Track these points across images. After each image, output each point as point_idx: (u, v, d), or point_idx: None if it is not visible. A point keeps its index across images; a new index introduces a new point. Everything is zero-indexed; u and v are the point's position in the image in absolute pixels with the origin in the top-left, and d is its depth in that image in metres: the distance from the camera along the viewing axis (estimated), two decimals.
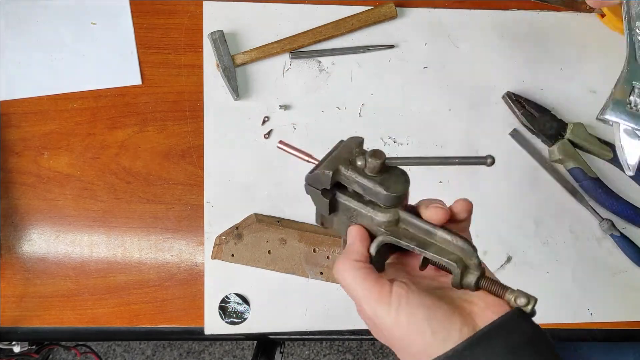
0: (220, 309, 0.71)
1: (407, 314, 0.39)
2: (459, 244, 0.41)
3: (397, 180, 0.44)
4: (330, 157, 0.46)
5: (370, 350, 1.61)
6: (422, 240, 0.43)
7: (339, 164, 0.45)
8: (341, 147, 0.47)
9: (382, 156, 0.43)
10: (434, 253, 0.42)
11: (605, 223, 0.75)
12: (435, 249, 0.42)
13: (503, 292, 0.41)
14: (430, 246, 0.43)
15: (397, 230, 0.44)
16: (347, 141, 0.47)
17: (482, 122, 0.78)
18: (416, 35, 0.78)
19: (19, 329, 0.70)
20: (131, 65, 0.74)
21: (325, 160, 0.46)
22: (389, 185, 0.43)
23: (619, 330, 0.76)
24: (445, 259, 0.41)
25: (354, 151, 0.46)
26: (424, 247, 0.42)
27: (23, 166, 0.72)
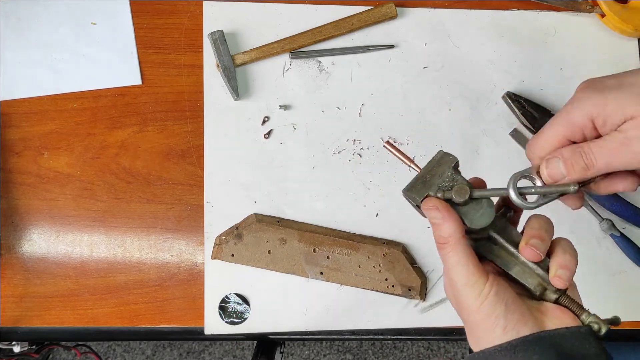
0: (220, 309, 0.71)
1: (490, 306, 0.43)
2: (538, 273, 0.45)
3: (483, 213, 0.46)
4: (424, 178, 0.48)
5: (370, 350, 1.61)
6: (506, 259, 0.47)
7: (428, 191, 0.47)
8: (436, 164, 0.49)
9: (465, 194, 0.46)
10: (515, 274, 0.46)
11: (605, 223, 0.75)
12: (518, 270, 0.46)
13: (580, 312, 0.45)
14: (513, 267, 0.46)
15: (487, 245, 0.48)
16: (442, 158, 0.49)
17: (482, 122, 0.78)
18: (416, 35, 0.78)
19: (19, 329, 0.70)
20: (131, 65, 0.74)
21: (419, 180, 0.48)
22: (472, 219, 0.46)
23: (619, 330, 0.76)
24: (526, 282, 0.45)
25: (445, 176, 0.48)
26: (508, 266, 0.46)
27: (23, 166, 0.72)
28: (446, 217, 0.45)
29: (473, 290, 0.43)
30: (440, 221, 0.45)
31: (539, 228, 0.46)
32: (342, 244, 0.72)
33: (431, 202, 0.46)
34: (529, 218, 0.48)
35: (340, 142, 0.75)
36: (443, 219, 0.45)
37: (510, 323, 0.42)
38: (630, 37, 0.80)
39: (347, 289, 0.73)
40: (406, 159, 0.52)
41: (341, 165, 0.75)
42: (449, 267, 0.45)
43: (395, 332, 0.74)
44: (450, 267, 0.45)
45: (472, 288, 0.43)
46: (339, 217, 0.74)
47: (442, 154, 0.49)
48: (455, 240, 0.44)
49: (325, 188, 0.74)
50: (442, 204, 0.46)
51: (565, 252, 0.46)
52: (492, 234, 0.47)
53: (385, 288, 0.72)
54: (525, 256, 0.45)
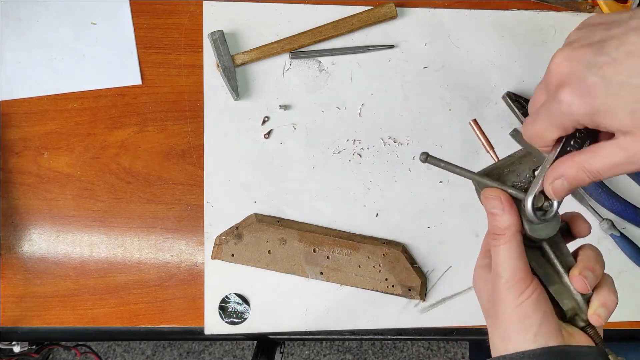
0: (220, 309, 0.71)
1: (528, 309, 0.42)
2: (577, 299, 0.45)
3: (547, 225, 0.45)
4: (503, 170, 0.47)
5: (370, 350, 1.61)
6: (550, 274, 0.46)
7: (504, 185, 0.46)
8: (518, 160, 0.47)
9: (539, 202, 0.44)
10: (554, 292, 0.45)
11: (605, 223, 0.75)
12: (556, 288, 0.45)
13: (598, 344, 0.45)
14: (553, 284, 0.46)
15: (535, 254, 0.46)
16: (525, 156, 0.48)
17: (482, 122, 0.77)
18: (416, 35, 0.78)
19: (19, 329, 0.70)
20: (131, 65, 0.74)
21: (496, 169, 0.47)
22: (535, 228, 0.45)
23: (619, 330, 0.76)
24: (562, 303, 0.45)
25: (523, 175, 0.47)
26: (549, 281, 0.46)
27: (23, 166, 0.72)
28: (507, 209, 0.44)
29: (516, 287, 0.43)
30: (499, 211, 0.44)
31: (595, 261, 0.46)
32: (342, 244, 0.72)
33: (494, 191, 0.45)
34: (584, 246, 0.48)
35: (340, 142, 0.75)
36: (503, 210, 0.44)
37: (542, 332, 0.42)
38: None
39: (347, 289, 0.73)
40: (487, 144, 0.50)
41: (341, 165, 0.75)
42: (498, 260, 0.44)
43: (395, 332, 0.74)
44: (500, 260, 0.44)
45: (516, 285, 0.43)
46: (339, 217, 0.74)
47: (525, 152, 0.48)
48: (511, 234, 0.44)
49: (325, 188, 0.74)
50: (505, 195, 0.45)
51: (610, 292, 0.45)
52: (544, 246, 0.46)
53: (385, 288, 0.72)
54: (574, 284, 0.45)
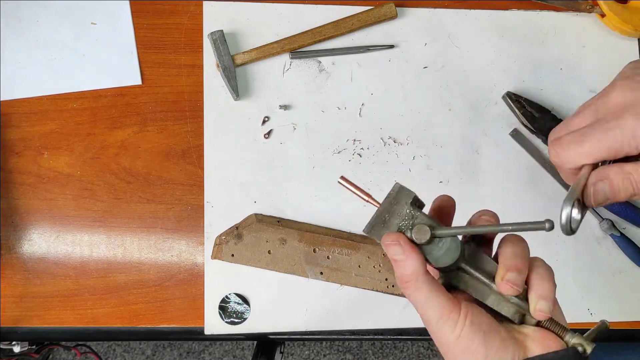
0: (220, 309, 0.71)
1: (467, 338, 0.41)
2: (515, 301, 0.43)
3: (447, 250, 0.44)
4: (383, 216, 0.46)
5: (370, 350, 1.61)
6: (481, 288, 0.44)
7: (389, 229, 0.45)
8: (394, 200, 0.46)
9: (426, 234, 0.43)
10: (491, 304, 0.44)
11: (605, 223, 0.75)
12: (493, 299, 0.44)
13: (564, 333, 0.43)
14: (487, 296, 0.44)
15: (458, 276, 0.45)
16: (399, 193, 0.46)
17: (482, 122, 0.78)
18: (416, 35, 0.78)
19: (19, 329, 0.70)
20: (131, 65, 0.74)
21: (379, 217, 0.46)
22: (438, 258, 0.44)
23: (619, 330, 0.76)
24: (503, 311, 0.43)
25: (403, 213, 0.45)
26: (483, 296, 0.44)
27: (23, 166, 0.72)
28: (408, 251, 0.43)
29: (447, 324, 0.41)
30: (402, 257, 0.43)
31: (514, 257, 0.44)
32: (342, 244, 0.72)
33: (391, 237, 0.44)
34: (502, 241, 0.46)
35: (340, 142, 0.75)
36: (405, 254, 0.43)
37: (491, 351, 0.41)
38: (630, 37, 0.80)
39: (347, 289, 0.73)
40: (363, 194, 0.48)
41: (341, 165, 0.75)
42: (419, 306, 0.43)
43: (395, 332, 0.74)
44: (420, 306, 0.43)
45: (446, 322, 0.42)
46: (339, 217, 0.74)
47: (398, 187, 0.46)
48: (419, 276, 0.42)
49: (325, 188, 0.74)
50: (403, 238, 0.43)
51: (542, 279, 0.44)
52: (462, 266, 0.45)
53: (385, 288, 0.72)
54: (503, 291, 0.43)
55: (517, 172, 0.77)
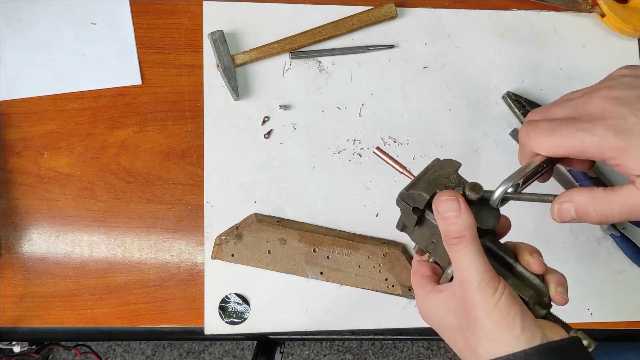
0: (220, 309, 0.71)
1: (507, 304, 0.42)
2: (536, 283, 0.45)
3: (489, 214, 0.45)
4: (427, 178, 0.46)
5: (370, 350, 1.61)
6: (501, 271, 0.45)
7: (437, 189, 0.45)
8: (437, 167, 0.47)
9: (480, 191, 0.45)
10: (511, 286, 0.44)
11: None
12: (512, 282, 0.45)
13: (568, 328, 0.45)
14: (507, 278, 0.45)
15: None
16: (443, 162, 0.48)
17: (482, 122, 0.78)
18: (416, 35, 0.78)
19: (19, 329, 0.70)
20: (131, 65, 0.74)
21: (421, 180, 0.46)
22: (482, 219, 0.45)
23: (619, 330, 0.76)
24: (522, 294, 0.44)
25: (452, 177, 0.46)
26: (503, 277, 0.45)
27: (23, 166, 0.72)
28: (464, 209, 0.43)
29: (489, 287, 0.42)
30: (457, 214, 0.43)
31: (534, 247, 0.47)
32: (342, 244, 0.72)
33: (448, 193, 0.44)
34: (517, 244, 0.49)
35: (340, 142, 0.75)
36: (460, 211, 0.43)
37: (527, 322, 0.42)
38: (630, 37, 0.80)
39: (347, 289, 0.73)
40: (398, 165, 0.49)
41: (341, 165, 0.75)
42: (464, 266, 0.43)
43: (395, 332, 0.74)
44: (465, 266, 0.43)
45: (488, 285, 0.42)
46: (339, 217, 0.74)
47: (440, 160, 0.48)
48: (472, 235, 0.43)
49: (325, 188, 0.74)
50: (460, 195, 0.44)
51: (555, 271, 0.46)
52: (487, 244, 0.46)
53: (385, 288, 0.72)
54: (533, 267, 0.45)
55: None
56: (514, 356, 0.41)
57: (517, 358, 0.41)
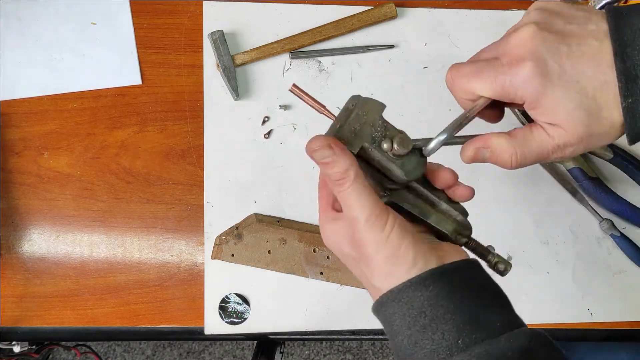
0: (220, 309, 0.71)
1: (398, 236, 0.41)
2: (459, 219, 0.46)
3: (417, 163, 0.45)
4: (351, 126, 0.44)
5: (370, 350, 1.61)
6: (424, 208, 0.46)
7: (362, 142, 0.44)
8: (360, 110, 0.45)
9: (409, 144, 0.44)
10: (434, 222, 0.46)
11: (605, 223, 0.75)
12: (435, 217, 0.46)
13: (487, 253, 0.47)
14: (431, 214, 0.46)
15: (403, 195, 0.46)
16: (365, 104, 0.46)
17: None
18: (416, 35, 0.78)
19: (19, 329, 0.70)
20: (131, 65, 0.74)
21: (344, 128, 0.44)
22: (409, 170, 0.44)
23: (619, 330, 0.76)
24: (444, 228, 0.45)
25: (377, 124, 0.45)
26: (425, 215, 0.46)
27: (23, 166, 0.72)
28: (340, 152, 0.42)
29: (378, 222, 0.41)
30: (334, 157, 0.42)
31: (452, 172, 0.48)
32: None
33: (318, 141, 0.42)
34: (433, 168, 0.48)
35: None
36: (337, 155, 0.42)
37: (419, 252, 0.41)
38: None
39: (347, 289, 0.73)
40: (317, 104, 0.47)
41: None
42: (350, 204, 0.42)
43: None
44: (351, 204, 0.42)
45: (376, 220, 0.41)
46: None
47: (362, 99, 0.45)
48: (354, 173, 0.42)
49: None
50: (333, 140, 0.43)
51: None
52: (412, 184, 0.46)
53: None
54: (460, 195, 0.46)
55: (517, 172, 0.77)
56: (409, 282, 0.40)
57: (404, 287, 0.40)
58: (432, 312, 0.39)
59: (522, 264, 0.75)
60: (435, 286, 0.40)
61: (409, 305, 0.40)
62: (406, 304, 0.40)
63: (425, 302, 0.40)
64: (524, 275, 0.75)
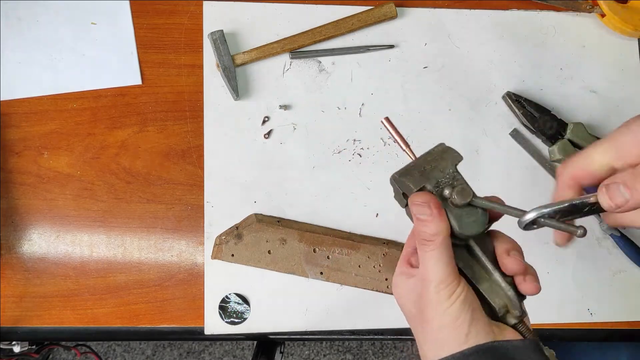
0: (220, 309, 0.71)
1: (459, 309, 0.42)
2: (509, 295, 0.44)
3: (475, 220, 0.44)
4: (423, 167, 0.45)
5: (370, 350, 1.61)
6: (478, 273, 0.45)
7: (426, 183, 0.44)
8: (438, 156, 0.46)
9: (468, 197, 0.44)
10: (484, 290, 0.44)
11: (605, 223, 0.75)
12: (487, 286, 0.44)
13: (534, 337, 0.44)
14: (483, 282, 0.45)
15: (460, 253, 0.45)
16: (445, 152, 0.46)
17: (482, 122, 0.78)
18: (416, 35, 0.78)
19: (19, 329, 0.70)
20: (131, 65, 0.74)
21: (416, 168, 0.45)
22: (465, 224, 0.44)
23: (619, 330, 0.76)
24: (493, 301, 0.44)
25: (447, 171, 0.45)
26: (478, 280, 0.45)
27: (23, 166, 0.72)
28: (436, 214, 0.43)
29: (447, 290, 0.42)
30: (429, 218, 0.43)
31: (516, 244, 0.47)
32: (342, 244, 0.72)
33: (423, 197, 0.44)
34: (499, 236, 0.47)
35: (340, 142, 0.75)
36: (432, 216, 0.43)
37: (473, 331, 0.42)
38: (630, 37, 0.80)
39: (347, 289, 0.73)
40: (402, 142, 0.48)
41: (341, 165, 0.75)
42: (428, 265, 0.43)
43: (395, 332, 0.74)
44: (429, 266, 0.43)
45: (446, 288, 0.42)
46: (339, 217, 0.74)
47: (444, 147, 0.46)
48: (441, 239, 0.43)
49: (325, 188, 0.74)
50: (434, 201, 0.44)
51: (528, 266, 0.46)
52: (471, 244, 0.45)
53: (385, 288, 0.72)
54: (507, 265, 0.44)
55: (517, 172, 0.77)
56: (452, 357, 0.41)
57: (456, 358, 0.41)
58: None
59: None
60: None
61: None
62: None
63: None
64: None
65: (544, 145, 0.77)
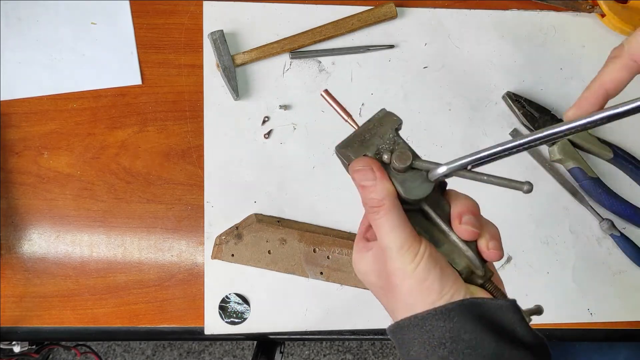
0: (220, 309, 0.71)
1: (426, 268, 0.40)
2: (468, 255, 0.42)
3: (421, 184, 0.43)
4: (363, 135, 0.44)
5: (370, 350, 1.61)
6: (436, 236, 0.43)
7: (366, 151, 0.43)
8: (377, 122, 0.45)
9: (407, 160, 0.42)
10: (444, 253, 0.43)
11: (605, 223, 0.75)
12: (445, 249, 0.43)
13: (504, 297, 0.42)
14: (442, 244, 0.43)
15: (417, 218, 0.44)
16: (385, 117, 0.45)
17: (482, 122, 0.78)
18: (416, 35, 0.78)
19: (19, 329, 0.70)
20: (131, 65, 0.74)
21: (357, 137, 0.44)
22: (409, 188, 0.42)
23: (619, 330, 0.76)
24: (454, 262, 0.42)
25: (387, 137, 0.44)
26: (437, 243, 0.43)
27: (23, 166, 0.72)
28: (380, 177, 0.42)
29: (409, 253, 0.41)
30: (373, 182, 0.42)
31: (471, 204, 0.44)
32: (342, 244, 0.72)
33: (362, 161, 0.42)
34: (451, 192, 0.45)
35: None
36: (376, 179, 0.42)
37: (446, 287, 0.40)
38: None
39: (347, 289, 0.73)
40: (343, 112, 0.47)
41: (341, 165, 0.75)
42: (384, 233, 0.42)
43: None
44: (385, 233, 0.42)
45: (408, 251, 0.41)
46: (339, 217, 0.74)
47: (384, 112, 0.45)
48: (390, 202, 0.42)
49: (325, 188, 0.74)
50: (376, 164, 0.42)
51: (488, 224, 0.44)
52: (424, 207, 0.44)
53: None
54: (460, 233, 0.42)
55: (517, 172, 0.77)
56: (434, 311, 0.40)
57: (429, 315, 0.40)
58: (452, 345, 0.38)
59: (522, 264, 0.75)
60: (460, 319, 0.39)
61: (430, 334, 0.39)
62: (427, 332, 0.39)
63: (447, 333, 0.39)
64: (524, 276, 0.75)
65: (543, 145, 0.77)
